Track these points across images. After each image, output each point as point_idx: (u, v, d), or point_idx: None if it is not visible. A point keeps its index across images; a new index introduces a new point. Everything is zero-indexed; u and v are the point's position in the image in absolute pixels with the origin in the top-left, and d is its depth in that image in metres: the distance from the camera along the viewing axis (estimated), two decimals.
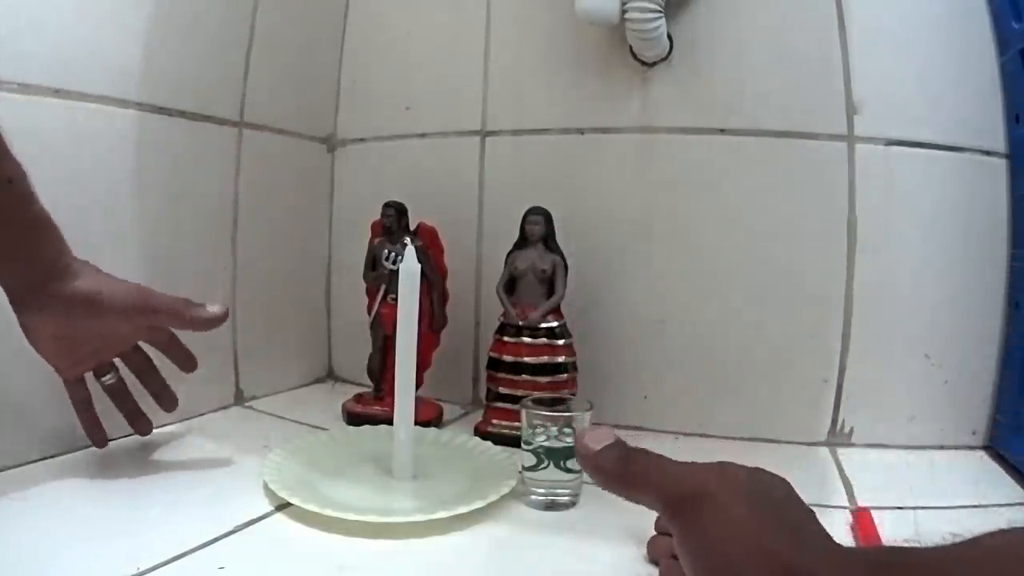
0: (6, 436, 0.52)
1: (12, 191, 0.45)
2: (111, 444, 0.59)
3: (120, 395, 0.57)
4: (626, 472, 0.37)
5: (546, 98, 0.76)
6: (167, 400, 0.59)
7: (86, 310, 0.49)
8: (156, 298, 0.52)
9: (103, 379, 0.56)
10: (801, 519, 0.32)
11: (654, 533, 0.43)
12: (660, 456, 0.37)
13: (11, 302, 0.48)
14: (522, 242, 0.67)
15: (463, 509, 0.47)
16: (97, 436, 0.56)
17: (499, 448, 0.59)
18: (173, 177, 0.67)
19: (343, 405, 0.72)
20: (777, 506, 0.33)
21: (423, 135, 0.82)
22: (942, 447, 0.66)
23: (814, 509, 0.33)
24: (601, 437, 0.38)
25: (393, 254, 0.69)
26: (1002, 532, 0.28)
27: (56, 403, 0.55)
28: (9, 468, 0.52)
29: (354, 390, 0.78)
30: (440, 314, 0.71)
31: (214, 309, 0.53)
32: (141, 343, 0.57)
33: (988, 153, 0.67)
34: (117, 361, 0.57)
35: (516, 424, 0.55)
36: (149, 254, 0.65)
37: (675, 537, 0.33)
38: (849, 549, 0.32)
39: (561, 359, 0.65)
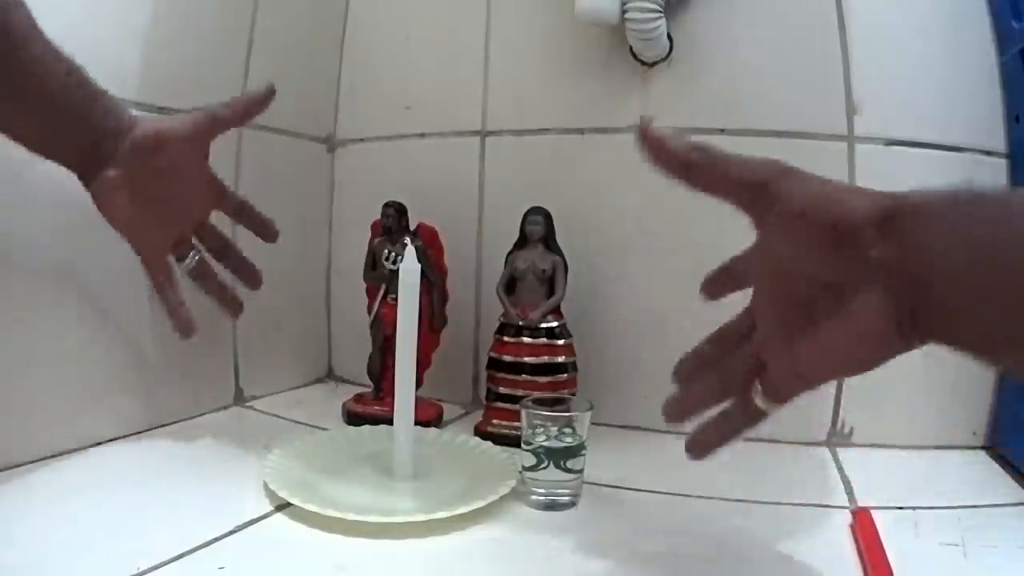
0: (6, 436, 0.52)
1: (72, 78, 0.48)
2: (111, 444, 0.59)
3: (205, 276, 0.58)
4: (707, 157, 0.38)
5: (546, 98, 0.76)
6: (249, 275, 0.60)
7: (153, 147, 0.51)
8: (212, 106, 0.54)
9: (184, 263, 0.56)
10: None
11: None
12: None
13: (81, 176, 0.50)
14: (522, 242, 0.67)
15: (463, 509, 0.47)
16: (180, 324, 0.55)
17: (499, 448, 0.59)
18: None
19: (343, 405, 0.72)
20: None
21: (423, 135, 0.82)
22: (942, 447, 0.66)
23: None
24: (663, 131, 0.38)
25: (393, 254, 0.69)
26: None
27: (56, 403, 0.55)
28: (9, 468, 0.52)
29: (354, 390, 0.78)
30: (440, 314, 0.71)
31: (261, 89, 0.56)
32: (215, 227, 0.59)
33: (988, 153, 0.67)
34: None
35: (516, 424, 0.55)
36: None
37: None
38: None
39: (561, 359, 0.65)
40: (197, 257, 0.57)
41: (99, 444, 0.59)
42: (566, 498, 0.52)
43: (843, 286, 0.33)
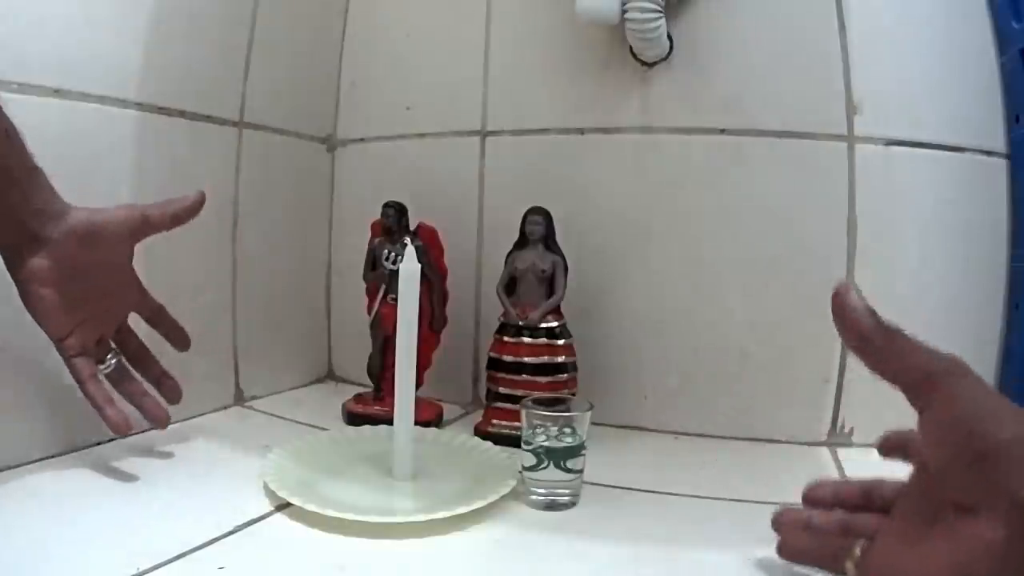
0: (6, 436, 0.52)
1: (11, 143, 0.46)
2: (110, 444, 0.59)
3: (126, 379, 0.55)
4: (886, 338, 0.37)
5: (546, 98, 0.76)
6: (170, 389, 0.58)
7: (82, 239, 0.49)
8: (143, 206, 0.53)
9: (103, 366, 0.54)
10: None
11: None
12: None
13: (6, 259, 0.48)
14: (522, 242, 0.67)
15: (463, 509, 0.47)
16: (116, 418, 0.51)
17: (499, 448, 0.59)
18: (173, 177, 0.67)
19: (343, 405, 0.72)
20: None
21: (423, 135, 0.82)
22: None
23: None
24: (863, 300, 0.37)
25: (393, 254, 0.69)
26: None
27: (56, 403, 0.55)
28: (9, 468, 0.52)
29: (354, 390, 0.78)
30: (440, 314, 0.71)
31: (192, 196, 0.55)
32: (133, 330, 0.57)
33: (988, 153, 0.67)
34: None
35: (516, 424, 0.55)
36: (149, 253, 0.64)
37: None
38: None
39: (561, 359, 0.65)
40: (115, 361, 0.55)
41: (99, 444, 0.59)
42: (566, 498, 0.52)
43: (970, 509, 0.32)
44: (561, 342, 0.66)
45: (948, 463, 0.33)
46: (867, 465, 0.62)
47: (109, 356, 0.55)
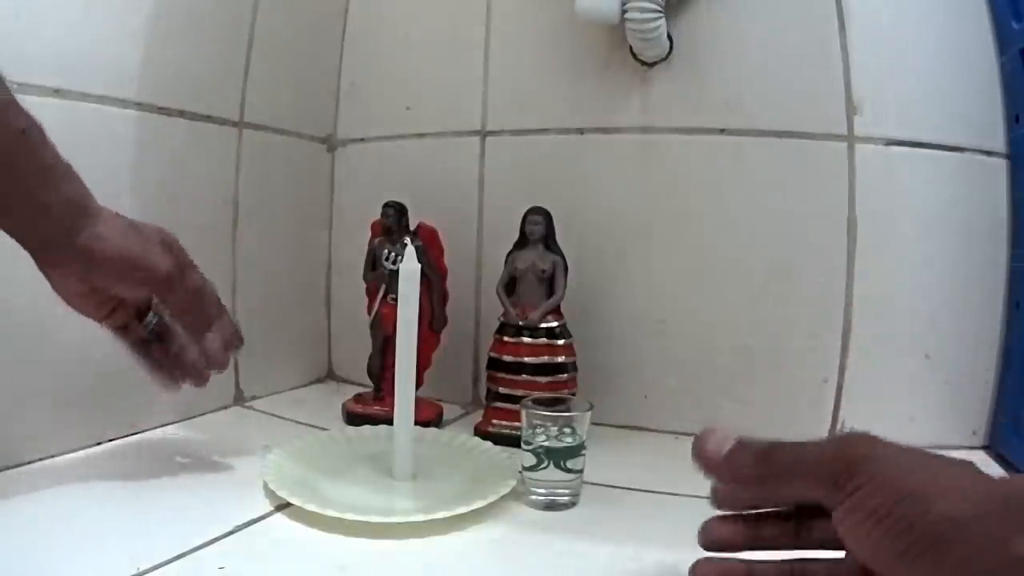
0: (6, 436, 0.52)
1: (27, 140, 0.44)
2: (110, 444, 0.59)
3: (167, 338, 0.53)
4: (771, 471, 0.34)
5: (546, 98, 0.76)
6: (216, 351, 0.54)
7: (103, 268, 0.47)
8: (181, 262, 0.50)
9: (145, 322, 0.53)
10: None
11: (698, 558, 0.38)
12: (790, 443, 0.34)
13: (33, 256, 0.47)
14: (522, 242, 0.67)
15: (463, 509, 0.47)
16: (167, 377, 0.52)
17: (499, 448, 0.59)
18: (173, 177, 0.67)
19: (343, 405, 0.72)
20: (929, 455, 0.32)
21: (423, 135, 0.82)
22: (942, 447, 0.66)
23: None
24: (721, 442, 0.35)
25: (393, 254, 0.69)
26: None
27: (56, 402, 0.55)
28: (9, 468, 0.52)
29: (354, 390, 0.78)
30: (440, 314, 0.71)
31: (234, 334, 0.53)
32: None
33: (988, 153, 0.67)
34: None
35: (516, 424, 0.55)
36: None
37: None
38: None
39: (561, 359, 0.65)
40: (155, 320, 0.54)
41: (99, 444, 0.59)
42: (566, 498, 0.52)
43: None
44: (561, 342, 0.66)
45: (889, 562, 0.29)
46: None
47: (149, 317, 0.53)
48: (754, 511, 0.37)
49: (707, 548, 0.38)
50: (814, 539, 0.36)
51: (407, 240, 0.67)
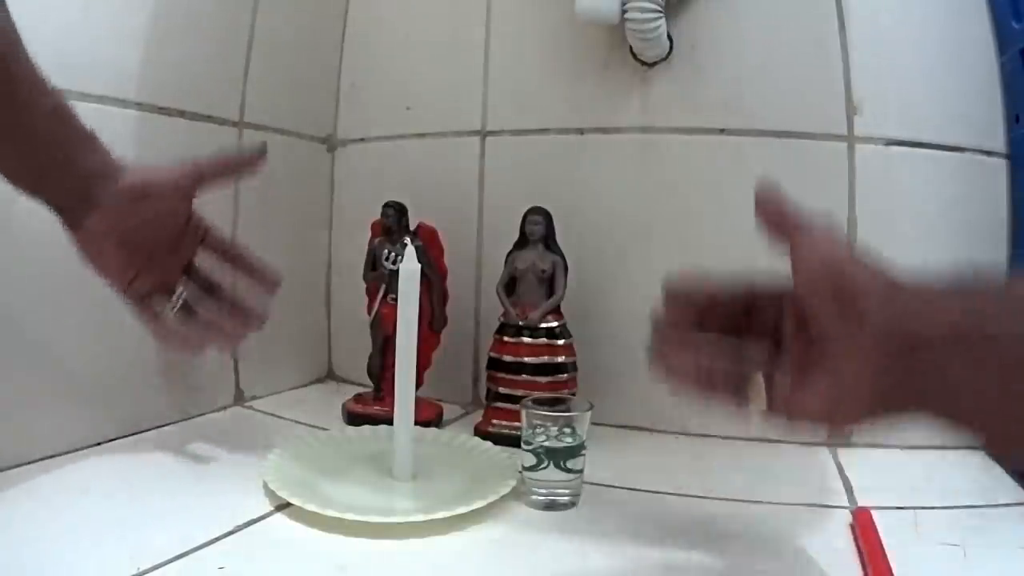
0: (6, 436, 0.52)
1: (57, 115, 0.47)
2: (110, 444, 0.59)
3: (201, 307, 0.54)
4: (781, 206, 0.42)
5: (546, 98, 0.76)
6: (246, 317, 0.56)
7: (140, 196, 0.50)
8: (198, 161, 0.53)
9: (170, 304, 0.53)
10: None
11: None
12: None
13: (64, 219, 0.49)
14: (522, 242, 0.67)
15: (463, 509, 0.47)
16: (185, 345, 0.55)
17: (499, 448, 0.59)
18: None
19: (343, 405, 0.72)
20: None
21: (423, 135, 0.82)
22: (942, 447, 0.66)
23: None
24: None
25: (393, 254, 0.69)
26: None
27: (56, 402, 0.55)
28: (10, 468, 0.52)
29: (354, 390, 0.78)
30: (440, 314, 0.71)
31: (250, 151, 0.56)
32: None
33: (988, 153, 0.67)
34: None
35: (516, 424, 0.55)
36: None
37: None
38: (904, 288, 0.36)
39: (561, 359, 0.65)
40: (182, 299, 0.54)
41: (99, 444, 0.59)
42: (566, 498, 0.52)
43: (839, 342, 0.35)
44: (561, 342, 0.66)
45: (817, 300, 0.36)
46: (867, 465, 0.63)
47: (178, 292, 0.54)
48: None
49: (656, 326, 0.44)
50: (751, 334, 0.42)
51: (407, 240, 0.67)
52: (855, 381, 0.35)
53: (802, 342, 0.38)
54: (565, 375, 0.65)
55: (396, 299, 0.55)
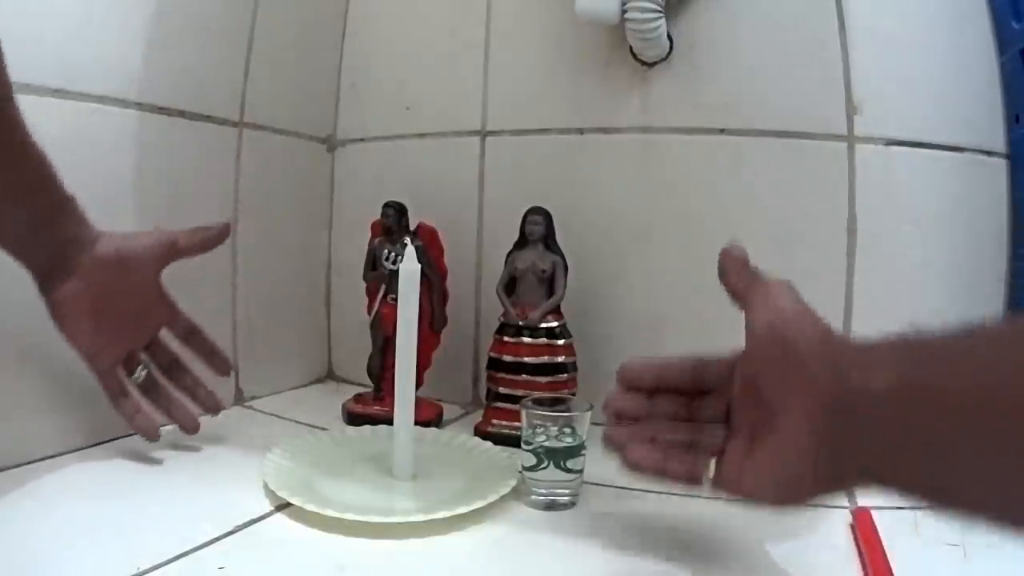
0: (6, 436, 0.52)
1: (41, 172, 0.48)
2: (110, 444, 0.59)
3: (156, 389, 0.57)
4: (741, 269, 0.44)
5: (546, 98, 0.76)
6: (204, 398, 0.59)
7: (111, 266, 0.51)
8: (172, 233, 0.55)
9: (134, 376, 0.56)
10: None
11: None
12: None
13: (40, 284, 0.49)
14: (522, 242, 0.67)
15: (463, 509, 0.47)
16: (145, 424, 0.55)
17: (499, 448, 0.59)
18: (173, 177, 0.67)
19: (343, 405, 0.72)
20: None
21: (423, 135, 0.82)
22: None
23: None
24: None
25: (393, 254, 0.69)
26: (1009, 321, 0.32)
27: (55, 402, 0.55)
28: (9, 468, 0.52)
29: (354, 390, 0.78)
30: (440, 314, 0.71)
31: (218, 226, 0.58)
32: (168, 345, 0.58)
33: (988, 153, 0.67)
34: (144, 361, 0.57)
35: (516, 424, 0.55)
36: None
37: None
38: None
39: (561, 359, 0.65)
40: (144, 371, 0.57)
41: (99, 444, 0.59)
42: (566, 498, 0.52)
43: (782, 412, 0.35)
44: (561, 342, 0.66)
45: (761, 366, 0.37)
46: None
47: (139, 368, 0.57)
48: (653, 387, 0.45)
49: (610, 416, 0.45)
50: (704, 415, 0.43)
51: (407, 240, 0.67)
52: (798, 458, 0.34)
53: (751, 412, 0.38)
54: (565, 375, 0.65)
55: (396, 299, 0.55)
